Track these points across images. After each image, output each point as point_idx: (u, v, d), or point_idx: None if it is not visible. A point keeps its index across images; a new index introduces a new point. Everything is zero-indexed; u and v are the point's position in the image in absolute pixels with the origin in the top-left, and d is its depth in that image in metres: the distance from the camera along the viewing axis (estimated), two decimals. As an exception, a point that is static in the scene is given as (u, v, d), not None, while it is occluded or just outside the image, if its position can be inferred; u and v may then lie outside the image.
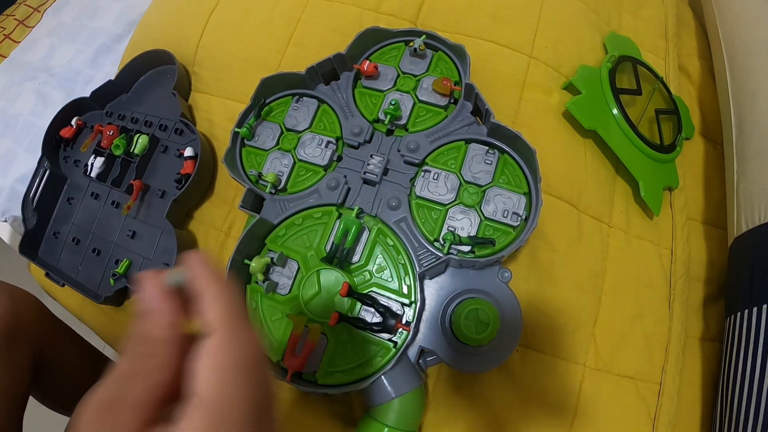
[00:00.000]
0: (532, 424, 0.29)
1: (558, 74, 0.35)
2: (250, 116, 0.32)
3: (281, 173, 0.30)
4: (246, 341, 0.13)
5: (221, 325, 0.13)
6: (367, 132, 0.30)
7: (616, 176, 0.35)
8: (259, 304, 0.28)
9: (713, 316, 0.36)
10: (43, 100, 0.49)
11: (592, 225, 0.33)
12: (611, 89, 0.35)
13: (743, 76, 0.39)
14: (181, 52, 0.40)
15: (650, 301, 0.33)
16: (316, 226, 0.28)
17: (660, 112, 0.37)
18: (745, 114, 0.37)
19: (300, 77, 0.32)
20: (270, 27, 0.38)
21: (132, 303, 0.36)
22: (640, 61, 0.39)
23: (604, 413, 0.30)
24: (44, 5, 0.58)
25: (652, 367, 0.32)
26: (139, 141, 0.37)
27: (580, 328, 0.31)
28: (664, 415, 0.31)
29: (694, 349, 0.35)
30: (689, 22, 0.48)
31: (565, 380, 0.30)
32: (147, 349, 0.14)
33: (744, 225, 0.34)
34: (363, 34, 0.31)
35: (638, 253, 0.34)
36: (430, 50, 0.32)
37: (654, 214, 0.35)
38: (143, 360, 0.13)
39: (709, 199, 0.40)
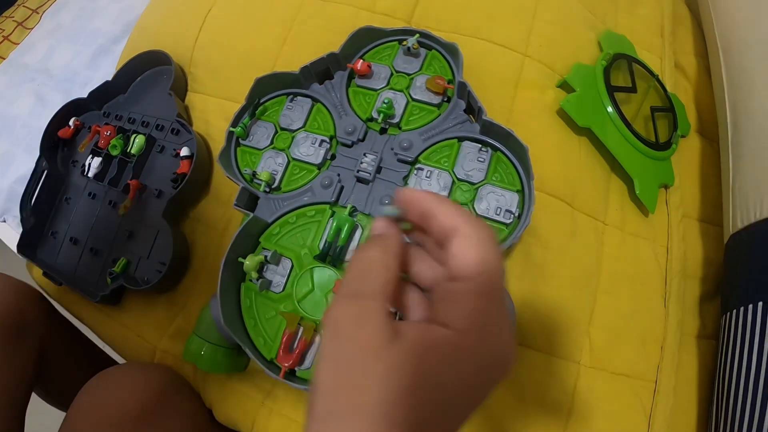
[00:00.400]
0: (528, 421, 0.29)
1: (552, 72, 0.35)
2: (245, 116, 0.32)
3: (275, 172, 0.30)
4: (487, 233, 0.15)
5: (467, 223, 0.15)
6: (360, 131, 0.30)
7: (611, 174, 0.35)
8: (253, 301, 0.28)
9: (710, 313, 0.36)
10: (42, 101, 0.50)
11: (586, 223, 0.33)
12: (606, 87, 0.35)
13: (738, 74, 0.39)
14: (178, 53, 0.41)
15: (646, 298, 0.34)
16: (309, 225, 0.29)
17: (655, 110, 0.37)
18: (741, 111, 0.37)
19: (294, 77, 0.32)
20: (265, 27, 0.39)
21: (128, 302, 0.36)
22: (635, 59, 0.39)
23: (600, 411, 0.31)
24: (43, 7, 0.59)
25: (648, 365, 0.33)
26: (136, 141, 0.38)
27: (575, 325, 0.31)
28: (659, 413, 0.32)
29: (690, 346, 0.35)
30: (686, 20, 0.48)
31: (560, 378, 0.31)
32: (383, 248, 0.15)
33: (739, 222, 0.34)
34: (356, 34, 0.32)
35: (633, 250, 0.34)
36: (423, 49, 0.32)
37: (649, 212, 0.35)
38: (380, 256, 0.15)
39: (705, 197, 0.40)
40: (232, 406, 0.31)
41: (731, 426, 0.29)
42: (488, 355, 0.14)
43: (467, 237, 0.15)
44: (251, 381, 0.32)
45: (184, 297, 0.35)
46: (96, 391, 0.29)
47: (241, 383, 0.32)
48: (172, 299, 0.35)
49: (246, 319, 0.28)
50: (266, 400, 0.31)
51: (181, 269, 0.35)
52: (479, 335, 0.14)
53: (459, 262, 0.14)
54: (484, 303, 0.14)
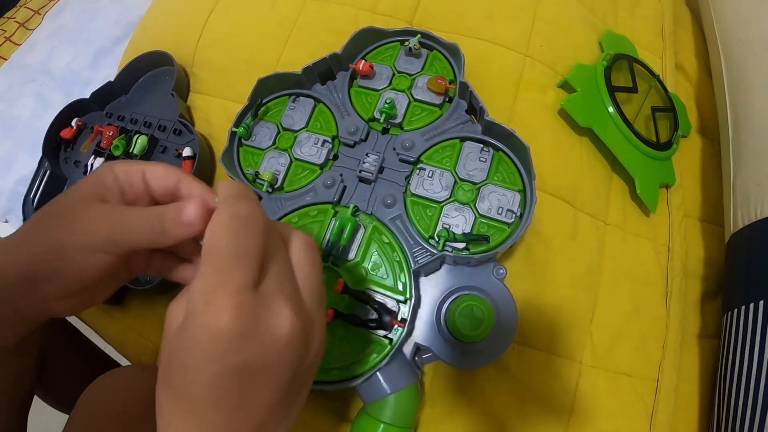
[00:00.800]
0: (529, 421, 0.30)
1: (554, 72, 0.36)
2: (248, 116, 0.33)
3: (278, 172, 0.31)
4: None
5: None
6: (362, 131, 0.30)
7: (612, 174, 0.36)
8: (256, 301, 0.29)
9: (712, 313, 0.37)
10: (43, 102, 0.50)
11: (588, 222, 0.33)
12: (607, 87, 0.36)
13: (739, 73, 0.39)
14: (180, 54, 0.41)
15: (647, 298, 0.34)
16: (312, 224, 0.29)
17: (656, 110, 0.38)
18: (741, 111, 0.38)
19: (296, 77, 0.32)
20: (267, 28, 0.39)
21: (131, 302, 0.37)
22: (636, 59, 0.39)
23: (601, 410, 0.31)
24: (44, 8, 0.59)
25: (649, 364, 0.33)
26: (138, 141, 0.38)
27: (576, 325, 0.32)
28: (661, 412, 0.32)
29: (692, 346, 0.36)
30: (686, 21, 0.49)
31: (561, 377, 0.31)
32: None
33: (740, 221, 0.35)
34: (358, 34, 0.32)
35: (634, 250, 0.34)
36: (425, 49, 0.33)
37: (650, 212, 0.36)
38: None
39: (707, 197, 0.40)
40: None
41: (732, 425, 0.30)
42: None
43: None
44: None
45: (187, 297, 0.35)
46: (100, 392, 0.30)
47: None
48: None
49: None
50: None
51: (183, 269, 0.35)
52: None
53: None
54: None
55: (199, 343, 0.14)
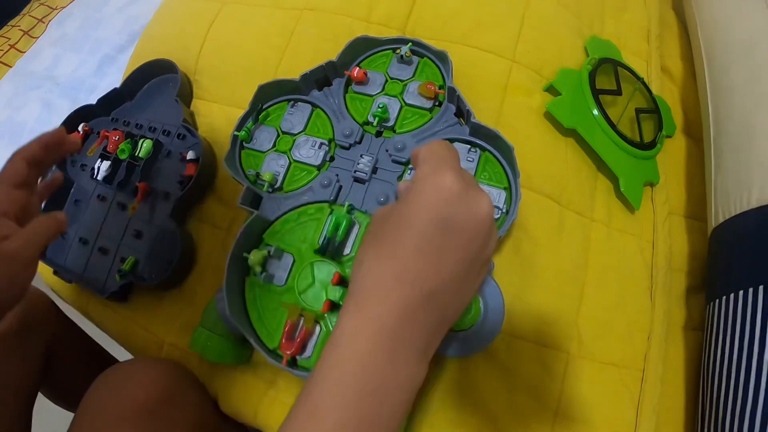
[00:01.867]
0: (519, 409, 0.32)
1: (540, 77, 0.39)
2: (249, 120, 0.36)
3: (278, 173, 0.34)
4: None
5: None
6: (357, 134, 0.33)
7: (598, 173, 0.39)
8: (256, 295, 0.31)
9: (696, 306, 0.39)
10: (49, 108, 0.53)
11: (574, 219, 0.36)
12: (591, 90, 0.39)
13: (720, 74, 0.42)
14: (183, 62, 0.44)
15: (632, 291, 0.37)
16: (310, 222, 0.32)
17: (640, 112, 0.41)
18: (722, 110, 0.41)
19: (295, 84, 0.36)
20: (266, 37, 0.42)
21: (136, 299, 0.39)
22: (620, 63, 0.42)
23: (589, 399, 0.33)
24: (48, 16, 0.63)
25: (635, 355, 0.35)
26: (144, 145, 0.41)
27: (563, 317, 0.34)
28: (647, 400, 0.34)
29: (677, 337, 0.38)
30: (672, 25, 0.52)
31: (549, 367, 0.33)
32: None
33: (721, 216, 0.37)
34: (353, 43, 0.35)
35: (620, 246, 0.37)
36: (416, 57, 0.36)
37: (635, 209, 0.38)
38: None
39: (691, 194, 0.43)
40: (236, 396, 0.34)
41: (716, 410, 0.32)
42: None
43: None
44: (254, 372, 0.35)
45: (190, 293, 0.38)
46: (107, 386, 0.32)
47: (245, 374, 0.35)
48: (179, 295, 0.38)
49: (250, 311, 0.31)
50: (269, 390, 0.34)
51: (187, 266, 0.38)
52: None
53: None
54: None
55: (423, 194, 0.19)
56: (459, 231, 0.19)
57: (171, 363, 0.35)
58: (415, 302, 0.19)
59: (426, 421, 0.31)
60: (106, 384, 0.32)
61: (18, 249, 0.25)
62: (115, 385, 0.32)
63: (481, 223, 0.20)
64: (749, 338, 0.31)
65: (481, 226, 0.20)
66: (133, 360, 0.35)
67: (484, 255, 0.21)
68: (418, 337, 0.19)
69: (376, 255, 0.20)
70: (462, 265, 0.20)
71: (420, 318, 0.19)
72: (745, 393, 0.30)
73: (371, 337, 0.19)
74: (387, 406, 0.18)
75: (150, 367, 0.33)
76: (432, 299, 0.19)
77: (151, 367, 0.33)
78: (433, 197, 0.19)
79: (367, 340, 0.19)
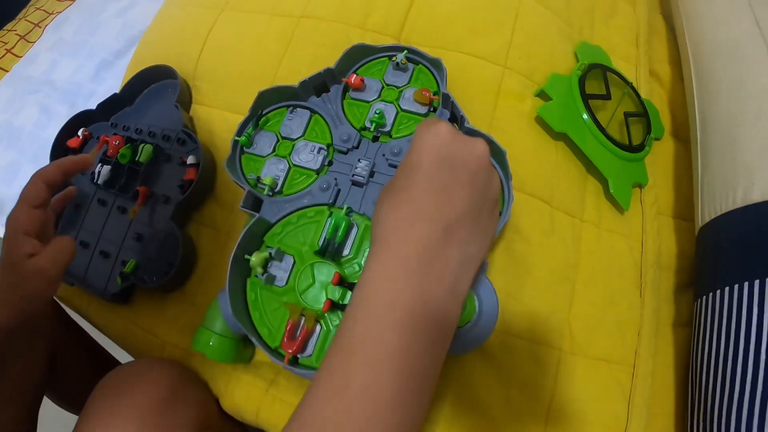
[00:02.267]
0: (513, 404, 0.34)
1: (531, 82, 0.41)
2: (249, 126, 0.37)
3: (278, 177, 0.35)
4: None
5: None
6: (354, 139, 0.35)
7: (587, 175, 0.41)
8: (258, 295, 0.33)
9: (685, 303, 0.41)
10: (47, 112, 0.54)
11: (564, 220, 0.38)
12: (581, 95, 0.41)
13: (707, 77, 0.44)
14: (182, 67, 0.46)
15: (622, 289, 0.38)
16: (309, 224, 0.34)
17: (629, 115, 0.43)
18: (708, 112, 0.43)
19: (294, 90, 0.37)
20: (265, 44, 0.44)
21: (138, 301, 0.41)
22: (609, 68, 0.44)
23: (581, 393, 0.35)
24: (45, 21, 0.64)
25: (625, 351, 0.37)
26: (144, 150, 0.43)
27: (555, 314, 0.36)
28: (638, 395, 0.36)
29: (667, 333, 0.40)
30: (661, 30, 0.54)
31: (542, 363, 0.35)
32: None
33: (707, 215, 0.39)
34: (350, 51, 0.37)
35: (609, 245, 0.39)
36: (411, 64, 0.37)
37: (624, 210, 0.40)
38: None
39: (679, 195, 0.45)
40: (238, 395, 0.36)
41: (705, 402, 0.33)
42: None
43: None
44: (255, 372, 0.36)
45: (191, 295, 0.39)
46: (111, 388, 0.32)
47: (246, 374, 0.36)
48: (180, 297, 0.39)
49: (252, 311, 0.33)
50: (270, 389, 0.35)
51: (188, 269, 0.39)
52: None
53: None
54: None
55: (423, 141, 0.22)
56: (461, 167, 0.22)
57: (173, 363, 0.36)
58: (434, 238, 0.20)
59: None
60: (110, 386, 0.33)
61: (46, 266, 0.28)
62: (119, 387, 0.32)
63: (480, 159, 0.22)
64: (735, 332, 0.33)
65: (480, 161, 0.23)
66: (136, 361, 0.36)
67: (491, 193, 0.23)
68: (442, 273, 0.21)
69: (391, 203, 0.22)
70: (471, 199, 0.22)
71: (442, 253, 0.21)
72: (732, 384, 0.31)
73: (397, 275, 0.20)
74: (418, 343, 0.19)
75: (153, 368, 0.34)
76: (450, 234, 0.21)
77: (154, 368, 0.34)
78: (432, 141, 0.22)
79: (393, 279, 0.20)
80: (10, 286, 0.28)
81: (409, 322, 0.19)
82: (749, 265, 0.34)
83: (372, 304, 0.20)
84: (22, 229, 0.28)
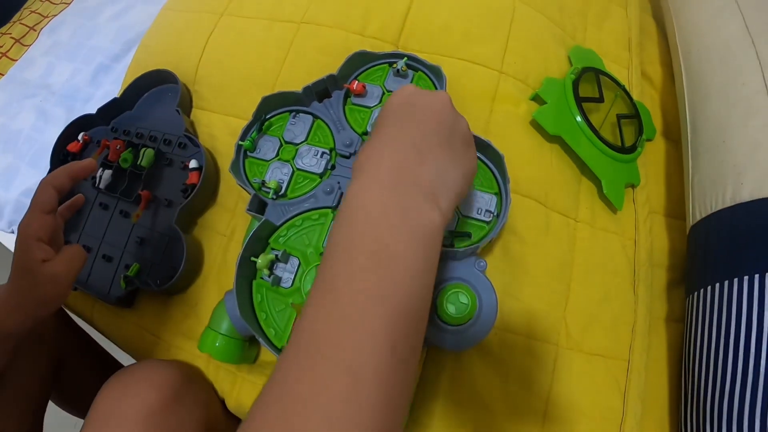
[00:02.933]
0: (511, 399, 0.36)
1: (526, 86, 0.43)
2: (252, 130, 0.39)
3: (282, 181, 0.37)
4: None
5: None
6: (357, 143, 0.37)
7: (581, 176, 0.43)
8: (264, 297, 0.34)
9: (677, 298, 0.43)
10: (44, 116, 0.56)
11: (559, 220, 0.40)
12: (575, 98, 0.43)
13: (697, 79, 0.47)
14: (182, 72, 0.47)
15: (616, 286, 0.41)
16: (314, 227, 0.35)
17: (621, 117, 0.45)
18: (698, 113, 0.45)
19: (297, 95, 0.39)
20: (265, 49, 0.46)
21: (141, 305, 0.42)
22: (602, 71, 0.47)
23: (577, 387, 0.37)
24: (40, 24, 0.65)
25: (620, 346, 0.39)
26: (146, 154, 0.44)
27: (551, 311, 0.38)
28: (633, 389, 0.38)
29: (660, 329, 0.42)
30: (652, 33, 0.57)
31: (540, 359, 0.37)
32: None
33: (698, 214, 0.41)
34: (352, 57, 0.39)
35: (603, 243, 0.41)
36: (411, 70, 0.39)
37: (617, 209, 0.42)
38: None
39: (671, 194, 0.47)
40: (244, 395, 0.37)
41: (698, 394, 0.35)
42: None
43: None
44: (260, 372, 0.38)
45: (195, 297, 0.41)
46: (116, 389, 0.33)
47: (251, 374, 0.38)
48: (184, 300, 0.41)
49: (258, 312, 0.34)
50: (276, 388, 0.37)
51: (193, 272, 0.41)
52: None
53: None
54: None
55: (392, 96, 0.27)
56: (425, 107, 0.26)
57: (179, 363, 0.37)
58: (404, 158, 0.23)
59: (424, 408, 0.35)
60: (115, 387, 0.34)
61: (61, 272, 0.29)
62: (125, 389, 0.33)
63: (444, 102, 0.26)
64: (726, 326, 0.35)
65: (444, 103, 0.26)
66: (140, 363, 0.37)
67: (458, 129, 0.26)
68: (416, 183, 0.23)
69: (368, 145, 0.25)
70: (439, 129, 0.25)
71: (413, 170, 0.23)
72: (723, 376, 0.33)
73: (372, 194, 0.22)
74: (402, 259, 0.20)
75: (157, 369, 0.35)
76: (421, 155, 0.24)
77: (158, 369, 0.35)
78: (398, 94, 0.27)
79: (369, 199, 0.22)
80: (23, 291, 0.29)
81: (390, 235, 0.21)
82: (739, 262, 0.36)
83: (351, 225, 0.22)
84: (34, 234, 0.30)
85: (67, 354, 0.42)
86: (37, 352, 0.39)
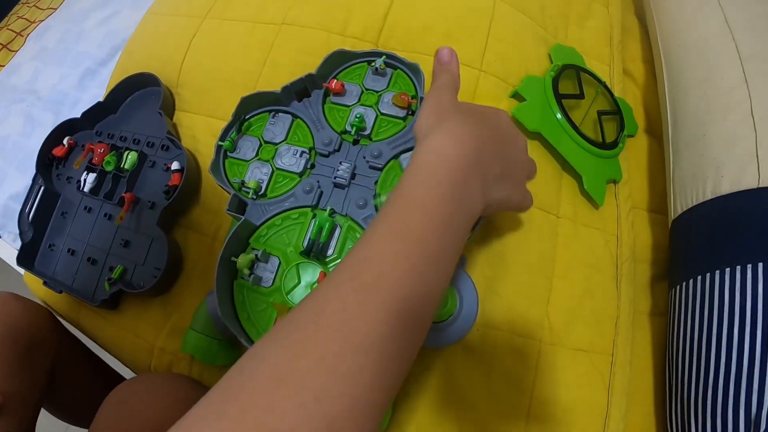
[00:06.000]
0: (495, 395, 0.36)
1: (506, 84, 0.43)
2: (232, 131, 0.39)
3: (261, 180, 0.37)
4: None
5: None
6: (336, 142, 0.37)
7: (563, 172, 0.43)
8: (245, 297, 0.34)
9: (660, 293, 0.43)
10: (32, 121, 0.55)
11: (540, 216, 0.40)
12: (554, 95, 0.43)
13: (677, 75, 0.47)
14: (165, 75, 0.47)
15: (598, 281, 0.40)
16: (294, 226, 0.35)
17: (602, 113, 0.45)
18: (679, 108, 0.45)
19: (275, 95, 0.39)
20: (247, 50, 0.46)
21: (125, 306, 0.42)
22: (583, 68, 0.47)
23: (562, 383, 0.37)
24: (27, 29, 0.65)
25: (604, 341, 0.39)
26: (129, 157, 0.44)
27: (533, 307, 0.38)
28: (617, 382, 0.38)
29: (644, 323, 0.42)
30: (634, 30, 0.57)
31: (522, 355, 0.37)
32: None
33: (679, 208, 0.41)
34: (330, 56, 0.39)
35: (585, 239, 0.41)
36: (389, 69, 0.39)
37: (599, 205, 0.42)
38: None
39: (653, 189, 0.47)
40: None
41: (682, 386, 0.35)
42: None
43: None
44: (244, 372, 0.37)
45: (178, 298, 0.40)
46: (118, 405, 0.33)
47: (235, 375, 0.37)
48: (167, 300, 0.40)
49: (239, 312, 0.34)
50: (259, 388, 0.36)
51: (175, 273, 0.41)
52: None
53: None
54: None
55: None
56: (489, 116, 0.28)
57: (179, 377, 0.37)
58: (467, 160, 0.24)
59: (405, 406, 0.34)
60: (116, 404, 0.33)
61: None
62: (128, 403, 0.33)
63: (505, 118, 0.29)
64: (708, 319, 0.35)
65: (505, 119, 0.29)
66: (141, 377, 0.37)
67: (513, 155, 0.28)
68: (475, 182, 0.25)
69: (438, 127, 0.26)
70: (497, 138, 0.27)
71: (473, 170, 0.25)
72: (707, 367, 0.34)
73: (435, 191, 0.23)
74: (456, 211, 0.23)
75: (159, 384, 0.35)
76: (479, 156, 0.25)
77: (160, 383, 0.35)
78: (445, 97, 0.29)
79: (431, 197, 0.23)
80: None
81: (451, 197, 0.23)
82: (719, 254, 0.36)
83: (422, 180, 0.24)
84: None
85: (60, 362, 0.42)
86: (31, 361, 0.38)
